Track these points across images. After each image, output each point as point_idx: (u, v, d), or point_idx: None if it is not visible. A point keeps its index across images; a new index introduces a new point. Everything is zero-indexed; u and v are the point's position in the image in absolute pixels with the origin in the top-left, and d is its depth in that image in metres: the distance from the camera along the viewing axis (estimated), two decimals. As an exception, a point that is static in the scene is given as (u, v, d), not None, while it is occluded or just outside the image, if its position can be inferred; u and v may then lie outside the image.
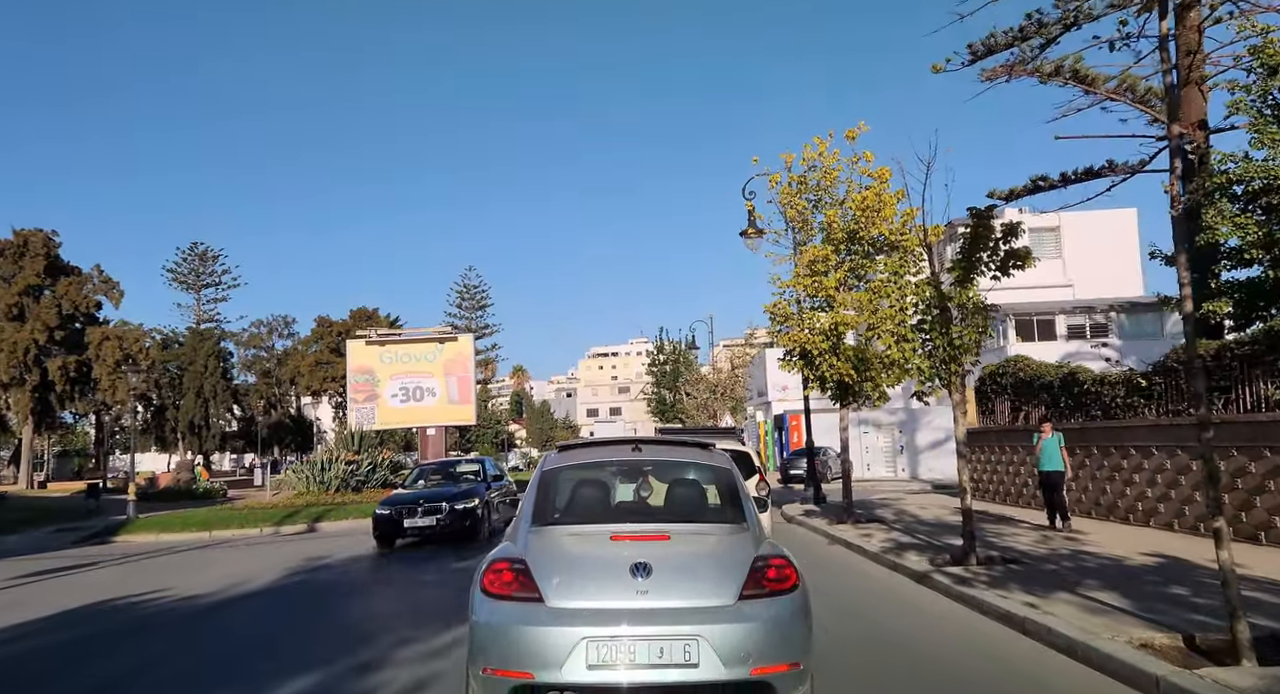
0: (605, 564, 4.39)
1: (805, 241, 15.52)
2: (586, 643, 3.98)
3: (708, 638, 3.99)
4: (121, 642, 7.92)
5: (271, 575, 11.91)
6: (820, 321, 14.49)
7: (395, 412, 30.41)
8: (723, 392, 45.53)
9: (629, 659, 3.96)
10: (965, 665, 6.15)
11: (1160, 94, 15.24)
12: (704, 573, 4.35)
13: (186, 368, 65.78)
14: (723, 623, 4.06)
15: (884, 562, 10.99)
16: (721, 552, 4.59)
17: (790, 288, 15.29)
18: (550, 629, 4.06)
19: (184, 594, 10.54)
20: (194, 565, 14.22)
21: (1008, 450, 17.09)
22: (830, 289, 14.41)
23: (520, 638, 4.10)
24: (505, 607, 4.24)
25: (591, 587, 4.25)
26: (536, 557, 4.44)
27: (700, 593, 4.20)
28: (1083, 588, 8.08)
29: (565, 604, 4.15)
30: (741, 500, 5.09)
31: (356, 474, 25.19)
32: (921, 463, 36.13)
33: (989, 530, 13.31)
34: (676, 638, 4.00)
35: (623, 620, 4.04)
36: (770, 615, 4.18)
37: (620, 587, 4.17)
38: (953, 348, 9.45)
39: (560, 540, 4.75)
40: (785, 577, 4.40)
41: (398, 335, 30.27)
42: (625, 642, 3.99)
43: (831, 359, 14.65)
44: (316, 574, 12.06)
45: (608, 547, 4.56)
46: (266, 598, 10.17)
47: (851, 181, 15.11)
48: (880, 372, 14.91)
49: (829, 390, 15.53)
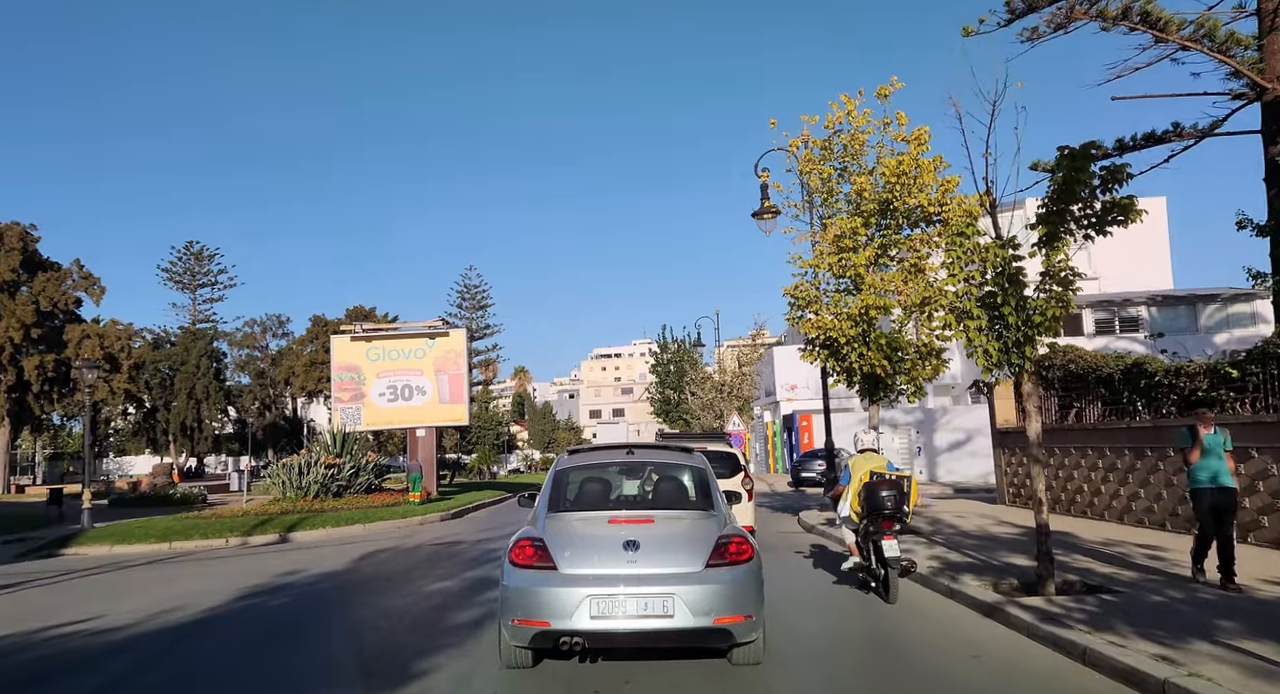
0: (604, 541, 5.64)
1: (830, 215, 13.69)
2: (590, 599, 5.29)
3: (681, 596, 5.28)
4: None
5: (212, 600, 10.09)
6: (849, 306, 12.65)
7: (383, 412, 28.56)
8: (730, 391, 43.61)
9: (622, 611, 5.28)
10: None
11: (1247, 42, 13.39)
12: (679, 547, 5.64)
13: (178, 368, 64.14)
14: (693, 584, 5.34)
15: (935, 586, 9.15)
16: (693, 531, 5.85)
17: (812, 268, 13.48)
18: (562, 589, 5.35)
19: (98, 627, 8.72)
20: (135, 586, 12.39)
21: (1056, 453, 15.24)
22: (859, 267, 12.58)
23: (539, 596, 5.39)
24: (528, 573, 5.53)
25: (593, 558, 5.53)
26: (551, 536, 5.74)
27: (676, 562, 5.49)
28: (1222, 634, 6.21)
29: (573, 571, 5.45)
30: (712, 492, 6.45)
31: (338, 478, 23.37)
32: (940, 465, 34.27)
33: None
34: (657, 596, 5.29)
35: (618, 583, 5.34)
36: (729, 579, 5.45)
37: (615, 558, 5.47)
38: (1029, 326, 7.61)
39: (570, 523, 6.04)
40: (743, 550, 5.63)
41: (385, 330, 28.41)
42: (619, 598, 5.30)
43: (861, 348, 12.84)
44: (268, 600, 10.23)
45: (606, 528, 5.83)
46: (193, 635, 8.34)
47: (883, 146, 13.28)
48: (916, 362, 13.12)
49: (856, 384, 13.73)
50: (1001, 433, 17.29)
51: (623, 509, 6.33)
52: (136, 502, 29.03)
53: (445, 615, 8.58)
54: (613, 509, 6.29)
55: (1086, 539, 11.90)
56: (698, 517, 6.12)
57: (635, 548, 5.49)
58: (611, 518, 6.00)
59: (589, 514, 6.18)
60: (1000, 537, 12.63)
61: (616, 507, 6.44)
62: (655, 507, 6.38)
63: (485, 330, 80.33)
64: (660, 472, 6.88)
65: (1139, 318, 33.35)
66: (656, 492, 6.72)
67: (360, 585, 11.16)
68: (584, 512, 6.24)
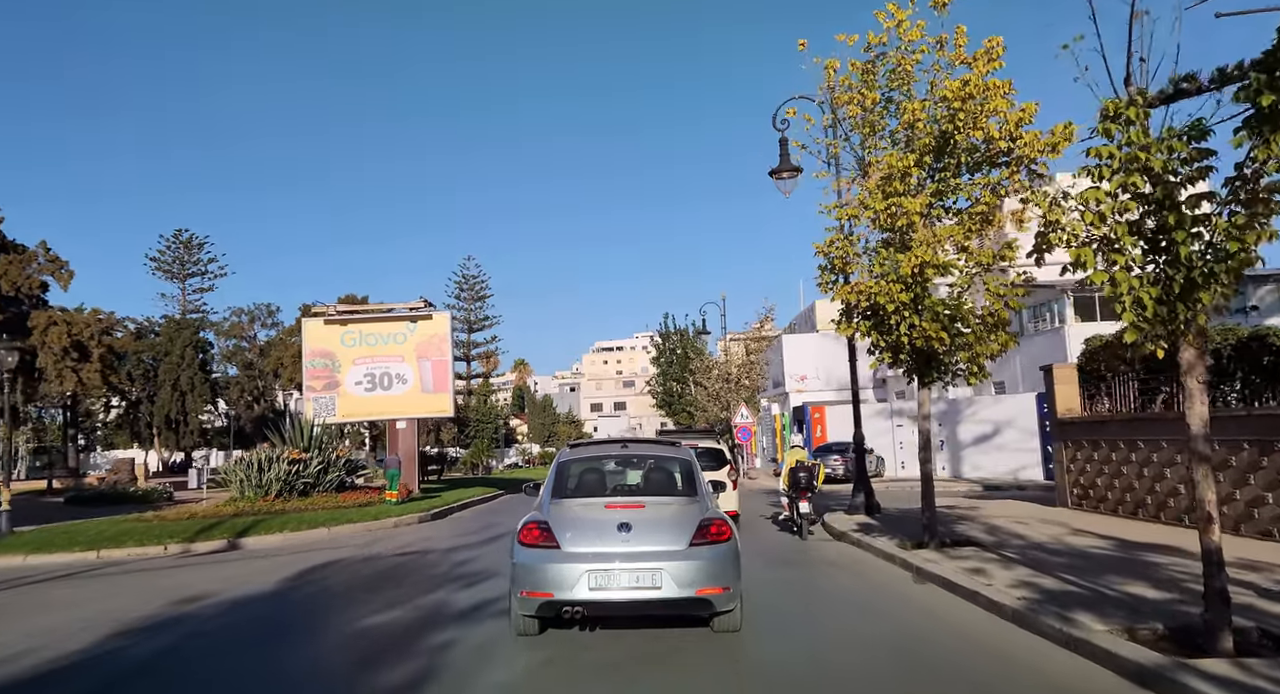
0: (601, 523, 6.57)
1: (872, 150, 11.17)
2: (588, 573, 6.21)
3: (668, 570, 6.21)
4: None
5: (73, 643, 7.64)
6: (899, 265, 10.14)
7: (360, 402, 26.10)
8: (737, 381, 41.06)
9: (617, 584, 6.20)
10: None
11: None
12: (666, 529, 6.54)
13: (162, 359, 61.75)
14: (678, 561, 6.27)
15: (1040, 627, 6.68)
16: (679, 515, 6.76)
17: (851, 219, 10.97)
18: (564, 565, 6.27)
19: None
20: (16, 612, 9.94)
21: (1140, 447, 12.73)
22: (913, 215, 10.06)
23: (545, 571, 6.32)
24: (534, 551, 6.48)
25: (591, 538, 6.47)
26: (555, 519, 6.69)
27: (663, 541, 6.41)
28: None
29: (574, 549, 6.38)
30: (695, 481, 7.35)
31: (303, 475, 20.91)
32: (965, 460, 31.80)
33: (1165, 567, 8.98)
34: (647, 570, 6.21)
35: (614, 560, 6.27)
36: (710, 556, 6.35)
37: (611, 538, 6.40)
38: (1208, 269, 5.14)
39: (571, 508, 6.97)
40: (722, 531, 6.55)
41: (362, 312, 25.91)
42: (614, 573, 6.22)
43: (912, 317, 10.34)
44: (145, 641, 7.75)
45: (603, 512, 6.76)
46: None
47: (938, 68, 10.74)
48: (981, 336, 10.63)
49: (904, 363, 11.24)
50: (1063, 423, 14.78)
51: (618, 496, 7.24)
52: (93, 500, 26.69)
53: (369, 676, 6.12)
54: (609, 496, 7.19)
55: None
56: (683, 502, 7.01)
57: (628, 529, 6.37)
58: (608, 503, 6.87)
59: (588, 500, 7.05)
60: (1090, 553, 10.15)
61: (612, 494, 7.33)
62: (646, 494, 7.30)
63: (484, 322, 78.00)
64: (651, 463, 7.78)
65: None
66: (647, 480, 7.68)
67: (271, 622, 8.63)
68: (583, 498, 7.11)
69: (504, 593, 7.55)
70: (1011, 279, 10.48)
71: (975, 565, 9.45)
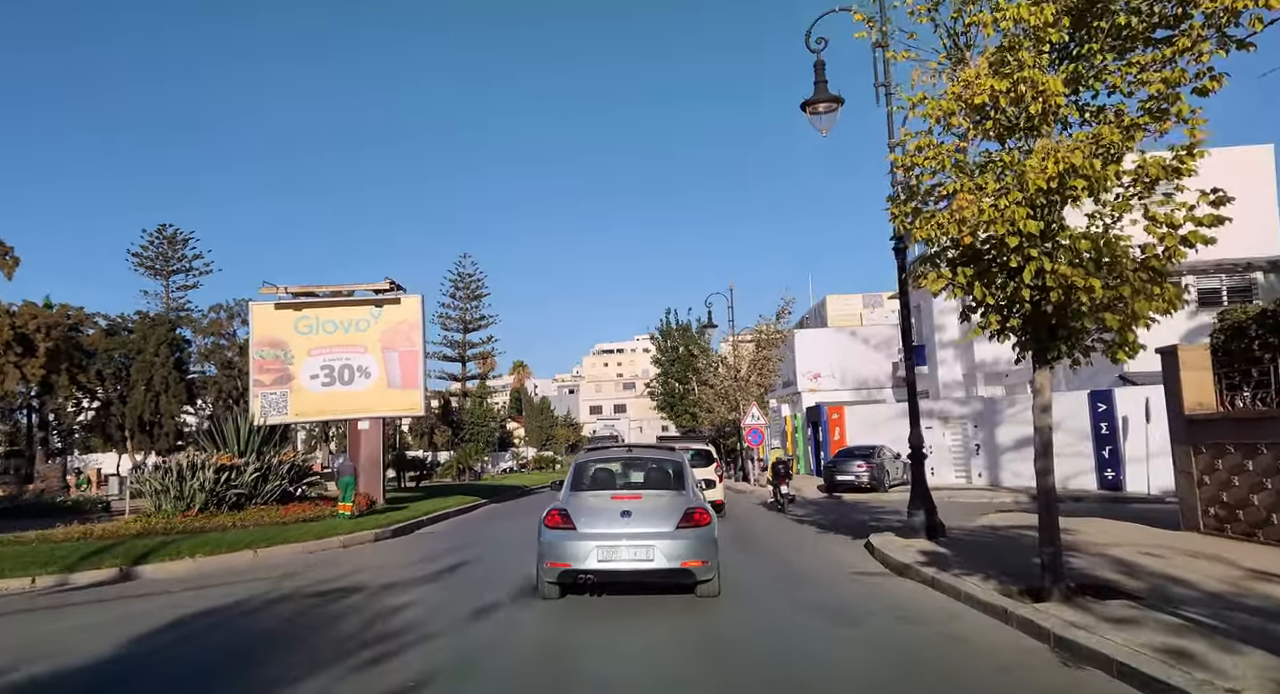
0: (608, 510, 8.56)
1: (969, 28, 7.71)
2: (597, 548, 8.22)
3: (659, 546, 8.18)
4: None
5: None
6: (1028, 174, 6.67)
7: (316, 399, 22.55)
8: (748, 378, 37.49)
9: (619, 557, 8.20)
10: None
11: None
12: (659, 515, 8.48)
13: (134, 357, 58.27)
14: (667, 539, 8.22)
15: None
16: (669, 504, 8.70)
17: (945, 116, 7.47)
18: (579, 542, 8.29)
19: None
20: None
21: (1263, 452, 9.24)
22: (1055, 95, 6.60)
23: (564, 547, 8.33)
24: (556, 531, 8.46)
25: (600, 522, 8.43)
26: (573, 507, 8.68)
27: (656, 525, 8.34)
28: None
29: (587, 530, 8.35)
30: (685, 478, 9.32)
31: (234, 485, 17.41)
32: (1004, 467, 28.31)
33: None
34: (643, 546, 8.19)
35: (619, 539, 8.25)
36: (692, 536, 8.30)
37: (615, 522, 8.38)
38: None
39: (585, 499, 8.94)
40: (702, 518, 8.46)
41: (319, 295, 22.43)
42: (618, 548, 8.21)
43: (1044, 259, 6.89)
44: None
45: (610, 502, 8.77)
46: None
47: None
48: (1139, 288, 7.19)
49: (1013, 330, 7.77)
50: (1194, 421, 11.24)
51: (622, 490, 9.38)
52: (9, 513, 23.20)
53: None
54: (615, 490, 9.35)
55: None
56: (673, 495, 8.97)
57: (629, 516, 8.42)
58: (614, 495, 9.00)
59: (599, 493, 9.13)
60: (1268, 607, 6.70)
61: (618, 488, 9.50)
62: (644, 488, 9.36)
63: (480, 321, 74.31)
64: (650, 464, 9.86)
65: (1252, 287, 27.34)
66: (646, 478, 9.67)
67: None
68: (596, 491, 9.20)
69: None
70: (1196, 203, 6.98)
71: (1163, 640, 5.97)
